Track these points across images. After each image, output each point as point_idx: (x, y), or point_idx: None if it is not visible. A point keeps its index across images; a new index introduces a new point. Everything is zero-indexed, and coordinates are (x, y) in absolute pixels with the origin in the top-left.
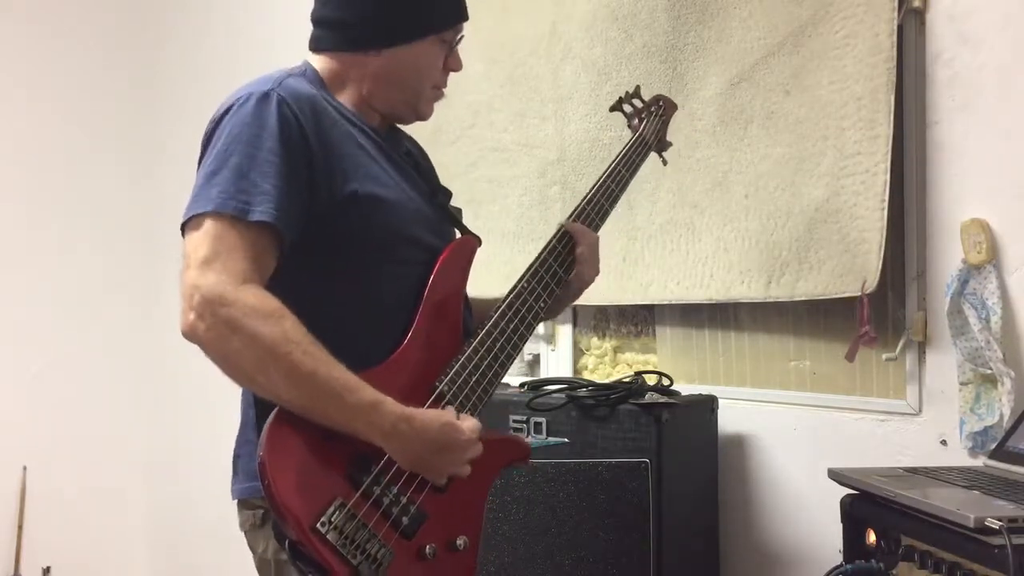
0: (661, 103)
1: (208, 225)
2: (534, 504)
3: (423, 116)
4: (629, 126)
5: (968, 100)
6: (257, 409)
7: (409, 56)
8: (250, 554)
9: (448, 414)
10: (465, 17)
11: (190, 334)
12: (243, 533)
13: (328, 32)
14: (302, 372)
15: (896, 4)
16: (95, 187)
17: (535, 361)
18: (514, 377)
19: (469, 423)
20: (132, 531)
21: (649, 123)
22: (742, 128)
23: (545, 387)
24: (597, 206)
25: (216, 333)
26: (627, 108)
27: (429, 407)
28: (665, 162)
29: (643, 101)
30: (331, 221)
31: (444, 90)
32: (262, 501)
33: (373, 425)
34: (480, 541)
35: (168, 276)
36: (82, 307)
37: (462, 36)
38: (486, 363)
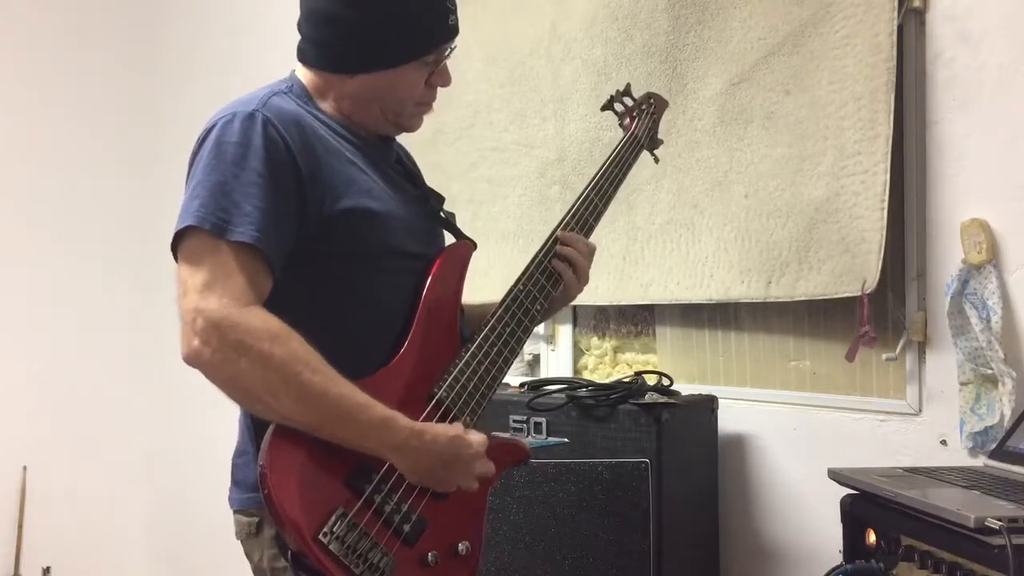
0: (652, 100)
1: (198, 247)
2: (534, 504)
3: (408, 130)
4: (620, 125)
5: (968, 100)
6: (254, 419)
7: (386, 80)
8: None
9: (457, 428)
10: (450, 36)
11: (194, 359)
12: (239, 542)
13: (309, 47)
14: (313, 392)
15: (896, 4)
16: (95, 187)
17: (535, 361)
18: (514, 377)
19: (477, 437)
20: (132, 531)
21: (641, 121)
22: (742, 128)
23: (545, 387)
24: (591, 206)
25: (223, 357)
26: (618, 107)
27: (428, 413)
28: (657, 160)
29: (634, 99)
30: (324, 237)
31: (432, 103)
32: (258, 510)
33: (384, 441)
34: (482, 546)
35: (168, 276)
36: (82, 307)
37: (452, 49)
38: (484, 367)
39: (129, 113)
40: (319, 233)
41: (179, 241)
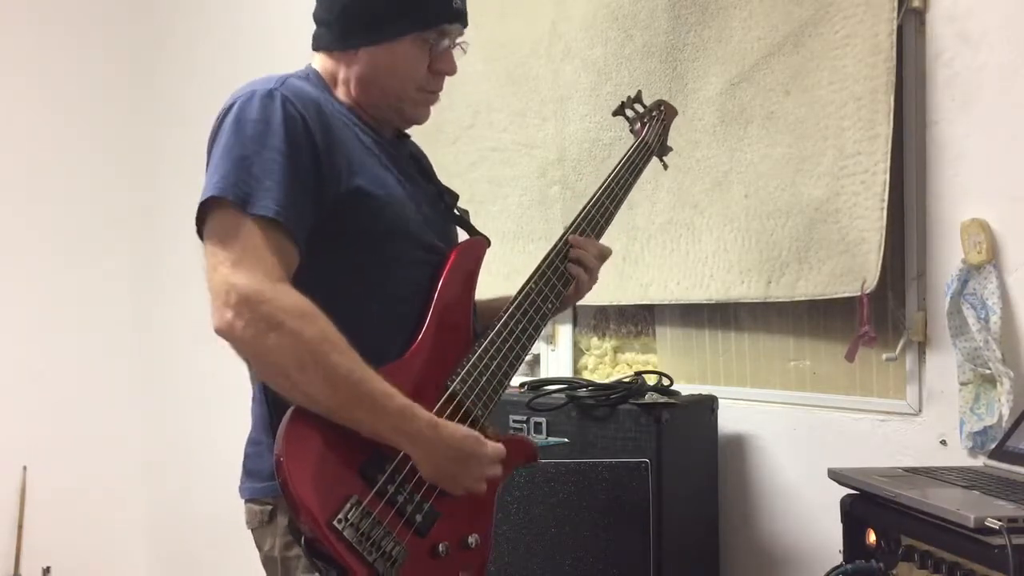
0: (662, 108)
1: (224, 224)
2: (534, 504)
3: (414, 119)
4: (631, 130)
5: (968, 100)
6: (270, 409)
7: (385, 56)
8: (250, 552)
9: (472, 429)
10: (452, 19)
11: (226, 331)
12: (250, 531)
13: (321, 30)
14: (339, 373)
15: (896, 4)
16: (94, 187)
17: (535, 361)
18: (514, 377)
19: (492, 442)
20: (132, 531)
21: (651, 128)
22: (742, 128)
23: (545, 387)
24: (603, 209)
25: (255, 330)
26: (629, 113)
27: (441, 405)
28: (666, 166)
29: (644, 106)
30: (338, 218)
31: (438, 93)
32: (272, 499)
33: (400, 430)
34: (491, 540)
35: (167, 276)
36: (82, 307)
37: (460, 39)
38: (496, 363)
39: (129, 112)
40: (334, 214)
41: (203, 217)
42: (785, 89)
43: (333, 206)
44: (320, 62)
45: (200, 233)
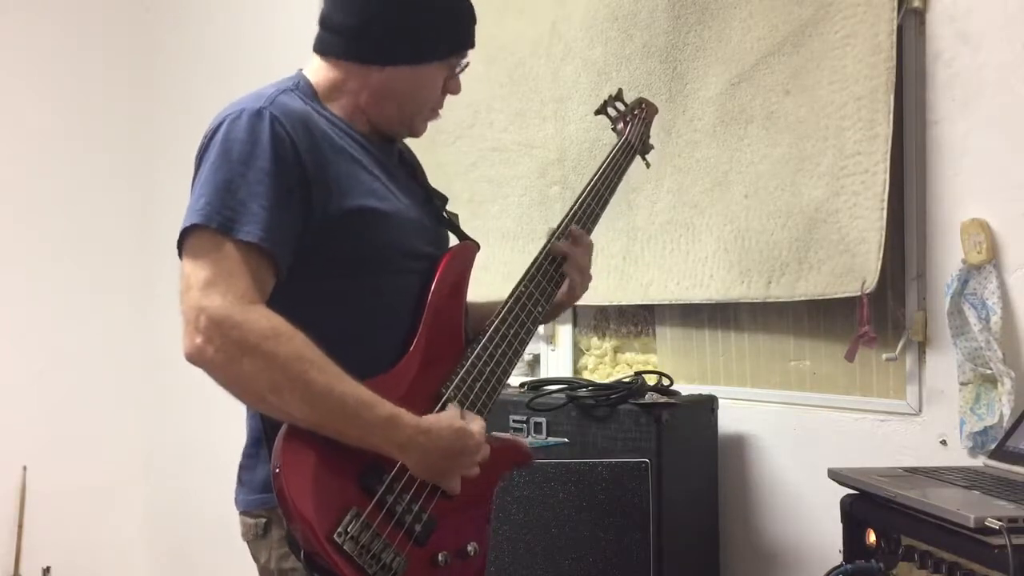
0: (643, 106)
1: (203, 245)
2: (534, 504)
3: (415, 134)
4: (614, 129)
5: (968, 100)
6: (264, 421)
7: (411, 76)
8: (250, 555)
9: (455, 418)
10: (472, 45)
11: (196, 357)
12: (246, 543)
13: (335, 37)
14: (318, 391)
15: (896, 4)
16: (94, 187)
17: (535, 361)
18: (514, 377)
19: (477, 424)
20: (132, 531)
21: (634, 127)
22: (742, 128)
23: (545, 387)
24: (589, 210)
25: (226, 355)
26: (611, 111)
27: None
28: (648, 165)
29: (625, 104)
30: (328, 237)
31: (439, 111)
32: (266, 511)
33: (389, 439)
34: (489, 547)
35: (166, 276)
36: (82, 307)
37: (467, 63)
38: (489, 369)
39: (128, 112)
40: (325, 233)
41: (184, 239)
42: (785, 89)
43: (322, 226)
44: (320, 68)
45: (180, 254)
